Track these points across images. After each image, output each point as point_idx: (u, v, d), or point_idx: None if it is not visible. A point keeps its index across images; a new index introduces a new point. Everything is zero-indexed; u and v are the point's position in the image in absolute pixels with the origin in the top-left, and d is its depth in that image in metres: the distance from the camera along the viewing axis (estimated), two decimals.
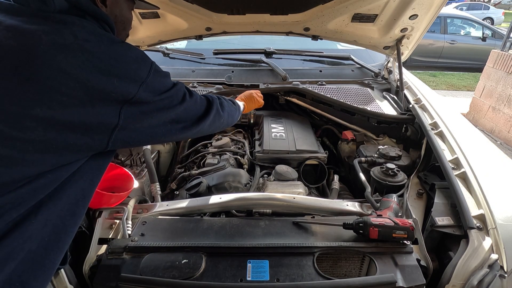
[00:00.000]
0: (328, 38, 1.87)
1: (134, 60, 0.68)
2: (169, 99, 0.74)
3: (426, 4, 1.47)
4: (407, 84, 1.89)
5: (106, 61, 0.63)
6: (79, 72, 0.59)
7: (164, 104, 0.73)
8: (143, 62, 0.69)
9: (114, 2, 0.79)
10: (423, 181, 1.20)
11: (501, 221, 0.89)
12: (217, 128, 0.98)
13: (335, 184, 1.35)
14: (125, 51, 0.67)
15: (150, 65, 0.70)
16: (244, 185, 1.28)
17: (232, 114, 1.06)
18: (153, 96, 0.70)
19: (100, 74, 0.61)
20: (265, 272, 0.82)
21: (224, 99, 1.04)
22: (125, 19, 0.85)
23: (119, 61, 0.65)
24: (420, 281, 0.81)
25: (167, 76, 0.77)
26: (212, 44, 2.26)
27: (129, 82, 0.65)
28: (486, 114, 4.33)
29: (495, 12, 14.99)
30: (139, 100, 0.67)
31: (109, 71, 0.62)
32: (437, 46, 7.69)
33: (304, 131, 1.61)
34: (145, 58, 0.71)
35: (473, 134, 1.43)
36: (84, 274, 0.86)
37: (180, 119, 0.79)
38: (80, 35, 0.61)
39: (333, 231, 0.96)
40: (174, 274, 0.81)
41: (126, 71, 0.65)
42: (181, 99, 0.78)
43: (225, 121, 1.00)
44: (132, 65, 0.67)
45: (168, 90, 0.75)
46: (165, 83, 0.75)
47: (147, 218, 1.02)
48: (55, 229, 0.64)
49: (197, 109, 0.85)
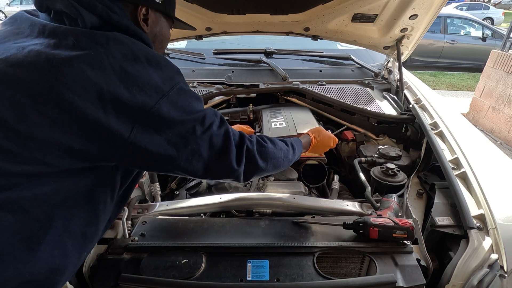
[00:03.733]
0: (328, 38, 1.87)
1: (161, 72, 0.66)
2: (192, 123, 0.68)
3: (426, 4, 1.47)
4: (407, 84, 1.89)
5: (128, 73, 0.61)
6: (98, 80, 0.58)
7: (186, 128, 0.67)
8: (169, 78, 0.67)
9: (155, 21, 0.79)
10: (423, 181, 1.20)
11: (501, 221, 0.89)
12: (251, 179, 0.84)
13: (335, 184, 1.35)
14: (155, 62, 0.66)
15: (177, 81, 0.67)
16: (244, 185, 1.28)
17: (280, 162, 0.89)
18: (174, 112, 0.65)
19: (118, 81, 0.60)
20: (265, 272, 0.82)
21: (269, 147, 0.85)
22: (164, 38, 0.85)
23: (141, 72, 0.63)
24: (420, 281, 0.81)
25: (198, 99, 0.72)
26: (212, 44, 2.26)
27: (148, 92, 0.62)
28: (486, 114, 4.33)
29: (495, 12, 14.99)
30: (157, 114, 0.62)
31: (130, 81, 0.61)
32: (437, 46, 7.69)
33: (304, 116, 1.60)
34: (173, 73, 0.68)
35: (473, 134, 1.43)
36: (84, 274, 0.86)
37: (201, 151, 0.70)
38: (110, 52, 0.61)
39: (333, 231, 0.96)
40: (174, 274, 0.81)
41: (148, 81, 0.62)
42: (207, 127, 0.71)
43: (266, 170, 0.84)
44: (156, 75, 0.64)
45: (194, 111, 0.69)
46: (193, 103, 0.70)
47: (147, 218, 1.02)
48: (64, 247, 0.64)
49: (224, 146, 0.74)
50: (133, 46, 0.64)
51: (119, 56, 0.61)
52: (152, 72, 0.64)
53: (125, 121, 0.60)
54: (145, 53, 0.65)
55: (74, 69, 0.57)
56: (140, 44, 0.66)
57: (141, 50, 0.65)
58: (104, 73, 0.58)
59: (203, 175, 0.75)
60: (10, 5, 16.14)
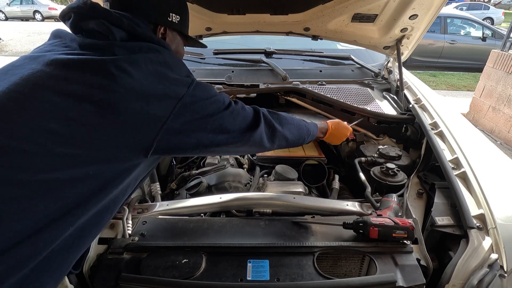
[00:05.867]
0: (328, 38, 1.87)
1: (183, 72, 0.78)
2: (216, 104, 0.79)
3: (426, 4, 1.47)
4: (407, 84, 1.89)
5: (160, 72, 0.72)
6: (138, 76, 0.68)
7: (213, 108, 0.78)
8: (189, 75, 0.79)
9: (172, 39, 0.89)
10: (423, 181, 1.20)
11: (501, 221, 0.89)
12: (276, 145, 0.95)
13: (335, 184, 1.35)
14: (177, 65, 0.78)
15: (193, 78, 0.79)
16: (244, 185, 1.28)
17: (296, 130, 1.01)
18: (203, 94, 0.76)
19: (153, 77, 0.70)
20: (265, 272, 0.82)
21: (282, 114, 0.99)
22: (179, 54, 0.95)
23: (170, 72, 0.74)
24: (420, 280, 0.81)
25: (212, 87, 0.83)
26: (212, 44, 2.26)
27: (179, 84, 0.73)
28: (486, 114, 4.33)
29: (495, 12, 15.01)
30: (191, 97, 0.73)
31: (162, 78, 0.71)
32: (437, 46, 7.69)
33: (305, 115, 1.60)
34: (190, 73, 0.81)
35: (473, 134, 1.43)
36: (85, 273, 0.86)
37: (225, 127, 0.80)
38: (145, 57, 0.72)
39: (333, 231, 0.96)
40: (174, 273, 0.81)
41: (176, 78, 0.74)
42: (227, 104, 0.82)
43: (286, 136, 0.96)
44: (180, 74, 0.76)
45: (215, 95, 0.80)
46: (211, 89, 0.81)
47: (147, 217, 1.02)
48: (76, 235, 0.65)
49: (245, 117, 0.85)
50: (162, 52, 0.76)
51: (152, 59, 0.72)
52: (177, 72, 0.76)
53: (164, 108, 0.69)
54: (170, 57, 0.77)
55: (119, 68, 0.66)
56: (167, 51, 0.78)
57: (167, 56, 0.77)
58: (142, 71, 0.69)
59: (231, 146, 0.83)
60: (10, 5, 16.15)
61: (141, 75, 0.68)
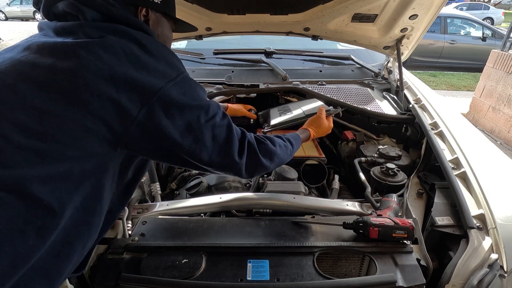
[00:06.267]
0: (328, 38, 1.87)
1: (166, 61, 0.69)
2: (199, 111, 0.70)
3: (426, 4, 1.47)
4: (407, 84, 1.89)
5: (138, 58, 0.65)
6: (111, 62, 0.62)
7: (192, 115, 0.69)
8: (175, 66, 0.70)
9: (156, 22, 0.81)
10: (423, 181, 1.20)
11: (501, 221, 0.89)
12: (254, 175, 0.87)
13: (335, 184, 1.35)
14: (161, 53, 0.70)
15: (182, 71, 0.71)
16: (244, 185, 1.28)
17: (280, 159, 0.91)
18: (181, 97, 0.67)
19: (129, 63, 0.64)
20: (265, 272, 0.82)
21: (269, 144, 0.87)
22: (166, 38, 0.87)
23: (149, 59, 0.67)
24: (420, 280, 0.81)
25: (202, 89, 0.75)
26: (212, 44, 2.26)
27: (158, 76, 0.66)
28: (486, 114, 4.33)
29: (495, 12, 15.00)
30: (166, 96, 0.65)
31: (140, 65, 0.64)
32: (437, 46, 7.69)
33: (311, 102, 1.61)
34: (179, 64, 0.72)
35: (473, 134, 1.43)
36: (85, 273, 0.86)
37: (202, 142, 0.71)
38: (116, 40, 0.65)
39: (333, 231, 0.96)
40: (174, 273, 0.81)
41: (156, 67, 0.66)
42: (211, 116, 0.73)
43: (267, 166, 0.86)
44: (162, 63, 0.68)
45: (199, 100, 0.72)
46: (198, 91, 0.73)
47: (147, 217, 1.02)
48: (62, 240, 0.61)
49: (227, 140, 0.76)
50: (139, 36, 0.68)
51: (128, 43, 0.65)
52: (159, 60, 0.68)
53: (135, 100, 0.63)
54: (151, 43, 0.69)
55: (90, 52, 0.61)
56: (146, 36, 0.70)
57: (148, 41, 0.69)
58: (116, 56, 0.63)
59: (206, 164, 0.75)
60: (10, 5, 16.16)
61: (115, 61, 0.62)
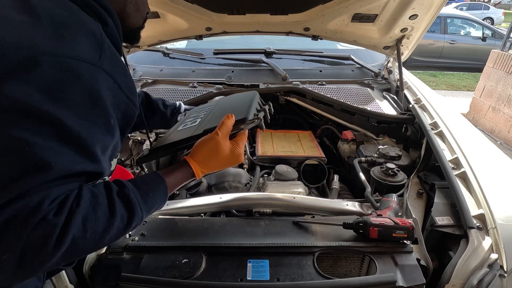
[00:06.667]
0: (328, 38, 1.87)
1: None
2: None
3: (426, 4, 1.47)
4: (407, 84, 1.89)
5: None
6: None
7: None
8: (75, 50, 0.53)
9: None
10: (423, 181, 1.20)
11: (501, 221, 0.89)
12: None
13: (335, 184, 1.35)
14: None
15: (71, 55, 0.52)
16: (244, 185, 1.28)
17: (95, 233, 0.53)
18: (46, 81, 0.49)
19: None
20: (265, 272, 0.82)
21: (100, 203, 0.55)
22: (138, 7, 0.74)
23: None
24: (420, 280, 0.81)
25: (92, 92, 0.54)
26: (212, 44, 2.26)
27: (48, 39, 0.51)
28: (486, 114, 4.33)
29: (495, 12, 15.00)
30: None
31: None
32: (437, 46, 7.70)
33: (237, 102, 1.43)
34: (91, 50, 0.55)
35: (473, 134, 1.43)
36: (85, 273, 0.86)
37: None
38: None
39: (333, 231, 0.96)
40: (174, 273, 0.81)
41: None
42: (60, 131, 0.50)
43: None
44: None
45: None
46: (73, 90, 0.52)
47: (147, 217, 1.02)
48: None
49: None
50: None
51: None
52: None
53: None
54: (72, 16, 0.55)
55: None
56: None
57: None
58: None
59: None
60: None
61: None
